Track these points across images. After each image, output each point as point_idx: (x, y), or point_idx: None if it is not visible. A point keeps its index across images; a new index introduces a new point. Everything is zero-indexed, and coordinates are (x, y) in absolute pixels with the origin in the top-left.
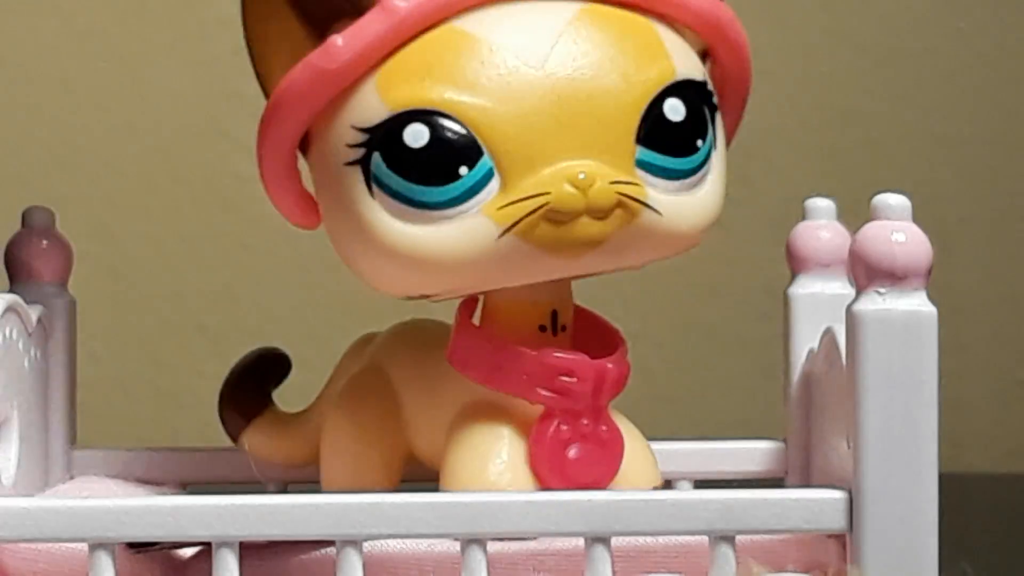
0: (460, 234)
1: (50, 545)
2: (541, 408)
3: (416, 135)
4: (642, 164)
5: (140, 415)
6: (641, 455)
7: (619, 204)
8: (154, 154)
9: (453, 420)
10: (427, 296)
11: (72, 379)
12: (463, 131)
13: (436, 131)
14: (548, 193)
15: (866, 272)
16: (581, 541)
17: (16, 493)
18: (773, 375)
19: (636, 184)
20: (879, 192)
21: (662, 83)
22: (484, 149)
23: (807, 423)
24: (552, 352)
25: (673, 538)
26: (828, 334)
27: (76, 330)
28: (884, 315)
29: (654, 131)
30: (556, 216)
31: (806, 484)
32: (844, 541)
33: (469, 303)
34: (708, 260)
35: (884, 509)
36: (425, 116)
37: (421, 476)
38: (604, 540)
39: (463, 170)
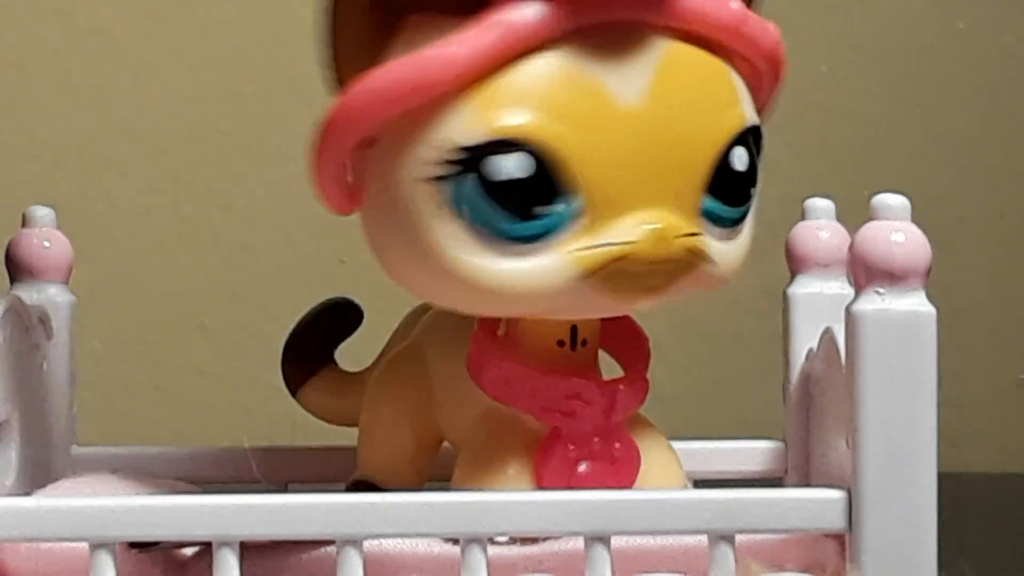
0: (538, 272)
1: (51, 544)
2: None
3: (516, 164)
4: (705, 213)
5: (140, 415)
6: (662, 465)
7: (687, 259)
8: (154, 154)
9: (471, 424)
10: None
11: (72, 379)
12: (561, 166)
13: (537, 163)
14: (633, 243)
15: (865, 272)
16: (580, 542)
17: (17, 492)
18: (772, 375)
19: (701, 235)
20: (878, 192)
21: (734, 132)
22: (576, 188)
23: (806, 423)
24: (564, 374)
25: (673, 538)
26: (827, 334)
27: (76, 330)
28: (883, 315)
29: (720, 180)
30: (634, 266)
31: (805, 484)
32: (843, 541)
33: (488, 318)
34: None
35: (883, 509)
36: (526, 146)
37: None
38: (604, 540)
39: (556, 207)
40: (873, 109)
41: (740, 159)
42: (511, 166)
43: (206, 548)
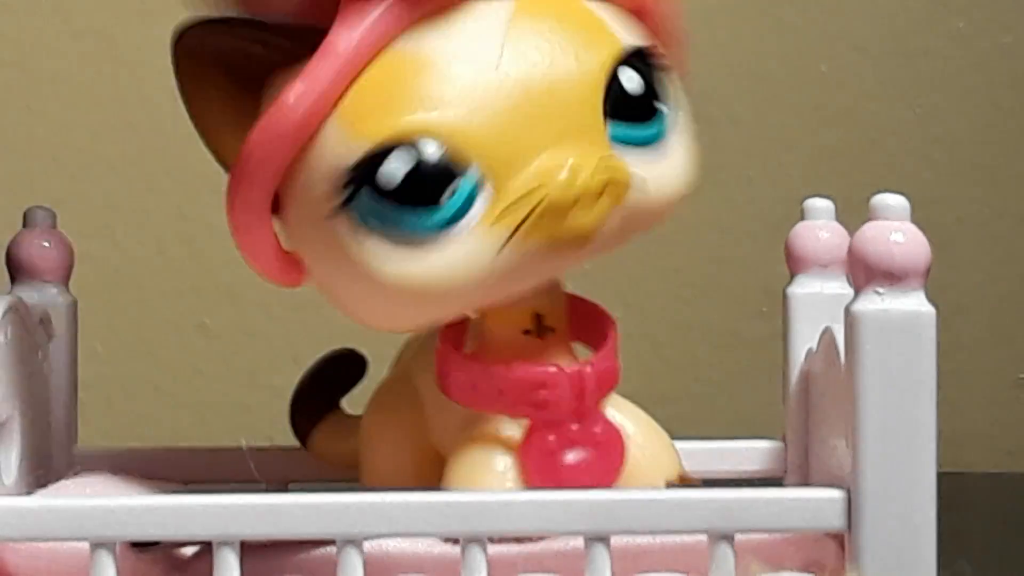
0: (468, 252)
1: (52, 544)
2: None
3: (400, 163)
4: (615, 138)
5: (140, 415)
6: (653, 446)
7: (608, 183)
8: (154, 154)
9: (455, 430)
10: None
11: (72, 379)
12: (443, 149)
13: (419, 155)
14: (541, 187)
15: (865, 272)
16: (580, 540)
17: (17, 492)
18: (772, 375)
19: (615, 162)
20: (877, 192)
21: (613, 57)
22: (468, 162)
23: (806, 422)
24: (523, 366)
25: (672, 537)
26: (827, 334)
27: (76, 330)
28: (883, 315)
29: (617, 104)
30: (553, 210)
31: (805, 483)
32: (842, 540)
33: (453, 327)
34: (707, 260)
35: (883, 508)
36: (403, 143)
37: None
38: (604, 539)
39: (453, 186)
40: (873, 109)
41: (631, 80)
42: (395, 167)
43: (206, 548)
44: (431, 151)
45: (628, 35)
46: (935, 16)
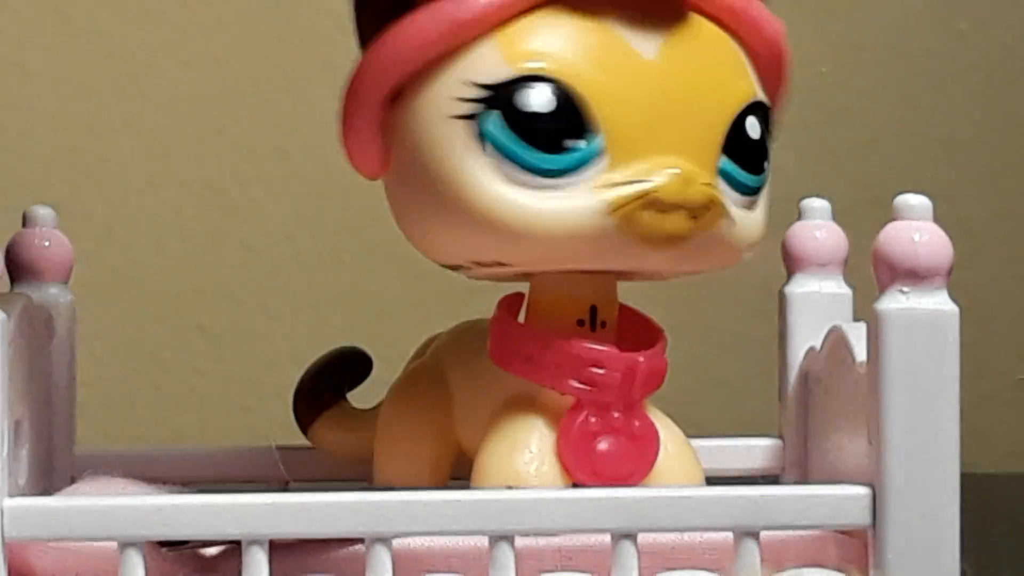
0: (565, 208)
1: (78, 544)
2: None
3: (540, 98)
4: (722, 173)
5: (140, 415)
6: (681, 456)
7: (709, 205)
8: (154, 154)
9: (491, 413)
10: (481, 266)
11: (72, 379)
12: (584, 103)
13: (561, 98)
14: (657, 182)
15: (889, 271)
16: (608, 537)
17: (28, 493)
18: (771, 374)
19: (719, 188)
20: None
21: (747, 99)
22: (598, 128)
23: (805, 420)
24: (582, 343)
25: (699, 534)
26: (835, 332)
27: (76, 330)
28: (908, 314)
29: (736, 144)
30: (658, 205)
31: (804, 480)
32: (842, 540)
33: (510, 299)
34: None
35: (907, 505)
36: (550, 81)
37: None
38: (631, 536)
39: (579, 142)
40: (873, 109)
41: (753, 128)
42: (534, 100)
43: (234, 546)
44: (573, 100)
45: (759, 87)
46: (935, 16)
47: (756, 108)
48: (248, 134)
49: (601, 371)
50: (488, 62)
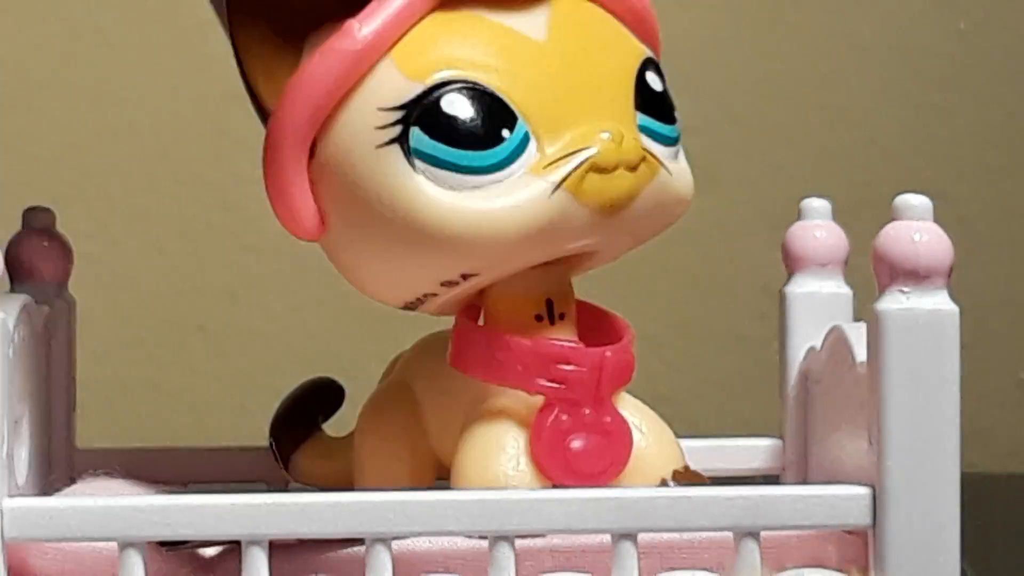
0: (514, 196)
1: (77, 545)
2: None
3: (455, 103)
4: (643, 129)
5: (140, 415)
6: (658, 438)
7: (643, 159)
8: (154, 154)
9: (463, 421)
10: (448, 286)
11: (72, 379)
12: (497, 96)
13: (474, 97)
14: (590, 147)
15: (889, 271)
16: (607, 537)
17: (28, 492)
18: (770, 373)
19: (647, 142)
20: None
21: (640, 56)
22: (517, 115)
23: (805, 420)
24: (547, 341)
25: (698, 534)
26: (835, 332)
27: (76, 330)
28: (908, 314)
29: (645, 99)
30: (600, 167)
31: (803, 480)
32: (842, 540)
33: (468, 309)
34: (706, 259)
35: (907, 505)
36: (459, 85)
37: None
38: (631, 536)
39: (505, 133)
40: (873, 109)
41: (655, 81)
42: (450, 106)
43: (234, 547)
44: (486, 96)
45: (641, 44)
46: (935, 16)
47: (649, 63)
48: (248, 134)
49: (569, 367)
50: (393, 84)
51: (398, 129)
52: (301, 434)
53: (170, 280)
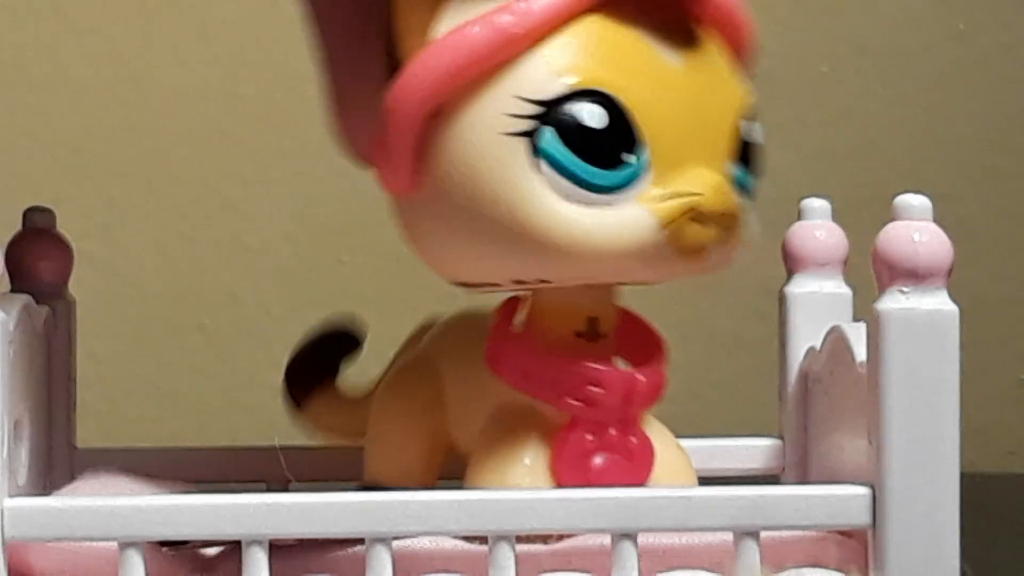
0: (621, 222)
1: (77, 545)
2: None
3: (595, 115)
4: (733, 179)
5: (140, 415)
6: (675, 465)
7: (737, 215)
8: (154, 154)
9: (486, 419)
10: (520, 284)
11: (72, 379)
12: (633, 119)
13: (613, 112)
14: (702, 194)
15: (889, 271)
16: (607, 538)
17: (28, 492)
18: (770, 373)
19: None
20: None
21: (747, 102)
22: (645, 140)
23: (804, 420)
24: (582, 362)
25: (698, 534)
26: (835, 332)
27: (76, 330)
28: (908, 314)
29: (742, 148)
30: (702, 216)
31: (804, 480)
32: (842, 540)
33: (511, 305)
34: None
35: (907, 505)
36: (602, 95)
37: (458, 474)
38: (631, 536)
39: (629, 157)
40: (873, 109)
41: (757, 131)
42: (588, 115)
43: (234, 546)
44: (624, 115)
45: (744, 82)
46: (935, 16)
47: (753, 111)
48: (248, 134)
49: (599, 390)
50: (539, 77)
51: (530, 124)
52: (315, 382)
53: (170, 280)
